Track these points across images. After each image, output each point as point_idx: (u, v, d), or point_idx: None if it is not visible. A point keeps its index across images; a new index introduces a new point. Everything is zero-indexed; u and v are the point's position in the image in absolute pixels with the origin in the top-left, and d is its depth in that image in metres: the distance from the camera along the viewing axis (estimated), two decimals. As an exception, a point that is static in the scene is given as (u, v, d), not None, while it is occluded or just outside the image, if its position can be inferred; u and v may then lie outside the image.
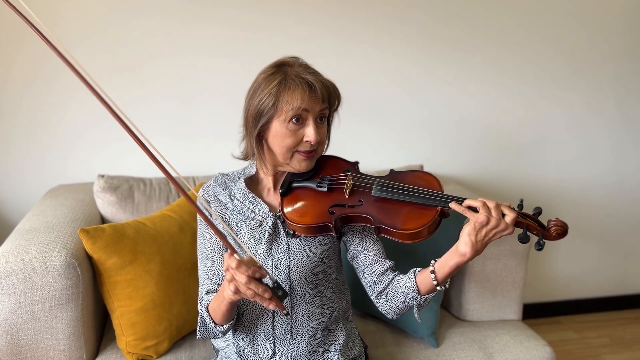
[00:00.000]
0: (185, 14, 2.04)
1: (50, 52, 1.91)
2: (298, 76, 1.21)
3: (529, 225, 1.14)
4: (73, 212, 1.67)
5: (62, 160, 2.07)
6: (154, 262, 1.53)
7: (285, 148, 1.24)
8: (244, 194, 1.33)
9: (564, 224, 1.13)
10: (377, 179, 1.27)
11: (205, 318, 1.24)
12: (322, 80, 1.24)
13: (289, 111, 1.20)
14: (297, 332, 1.29)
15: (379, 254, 1.30)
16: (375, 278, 1.29)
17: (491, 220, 1.10)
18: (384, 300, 1.28)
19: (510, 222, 1.11)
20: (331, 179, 1.30)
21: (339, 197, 1.26)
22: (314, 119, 1.23)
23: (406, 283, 1.22)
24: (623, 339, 2.57)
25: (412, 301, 1.22)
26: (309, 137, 1.22)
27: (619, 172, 2.64)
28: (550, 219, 1.15)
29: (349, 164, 1.36)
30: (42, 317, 1.39)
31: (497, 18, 2.31)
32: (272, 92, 1.20)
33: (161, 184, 1.86)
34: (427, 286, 1.20)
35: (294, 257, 1.27)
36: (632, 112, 2.57)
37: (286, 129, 1.22)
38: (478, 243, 1.12)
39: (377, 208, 1.22)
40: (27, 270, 1.36)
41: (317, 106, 1.22)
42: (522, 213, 1.15)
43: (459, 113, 2.36)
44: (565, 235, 1.13)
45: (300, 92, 1.19)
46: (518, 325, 1.77)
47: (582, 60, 2.44)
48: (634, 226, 2.73)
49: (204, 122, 2.14)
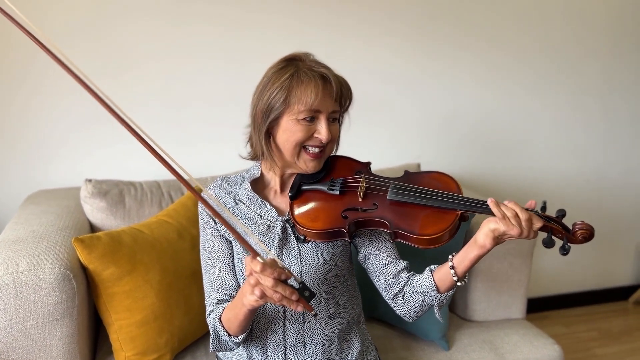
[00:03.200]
0: (175, 13, 1.95)
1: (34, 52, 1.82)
2: (310, 69, 1.16)
3: (553, 229, 1.09)
4: (60, 220, 1.55)
5: (41, 165, 1.95)
6: (154, 271, 1.44)
7: (294, 143, 1.18)
8: (250, 197, 1.26)
9: (590, 227, 1.09)
10: (392, 181, 1.22)
11: (218, 330, 1.16)
12: (336, 75, 1.19)
13: (301, 107, 1.14)
14: (310, 341, 1.22)
15: (392, 254, 1.25)
16: (390, 280, 1.23)
17: (523, 232, 1.06)
18: (401, 302, 1.23)
19: (536, 230, 1.08)
20: (344, 181, 1.24)
21: (353, 201, 1.20)
22: (326, 117, 1.18)
23: (424, 282, 1.17)
24: (611, 332, 2.61)
25: (432, 300, 1.17)
26: (321, 134, 1.17)
27: (602, 168, 2.68)
28: (576, 222, 1.10)
29: (360, 164, 1.31)
30: (34, 334, 1.28)
31: (486, 16, 2.30)
32: (284, 85, 1.15)
33: (152, 188, 1.76)
34: (446, 283, 1.15)
35: (305, 262, 1.21)
36: (615, 108, 2.61)
37: (297, 125, 1.16)
38: (498, 238, 1.08)
39: (393, 212, 1.16)
40: (18, 285, 1.25)
41: (329, 105, 1.17)
42: (546, 216, 1.11)
43: (449, 110, 2.35)
44: (592, 239, 1.09)
45: (314, 85, 1.14)
46: (524, 324, 1.76)
47: (567, 57, 2.46)
48: (617, 220, 2.78)
49: (195, 125, 2.05)
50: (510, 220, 1.05)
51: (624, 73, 2.57)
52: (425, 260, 1.37)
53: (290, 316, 1.21)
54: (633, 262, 2.90)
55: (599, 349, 2.46)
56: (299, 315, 1.21)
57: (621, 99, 2.60)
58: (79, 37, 1.88)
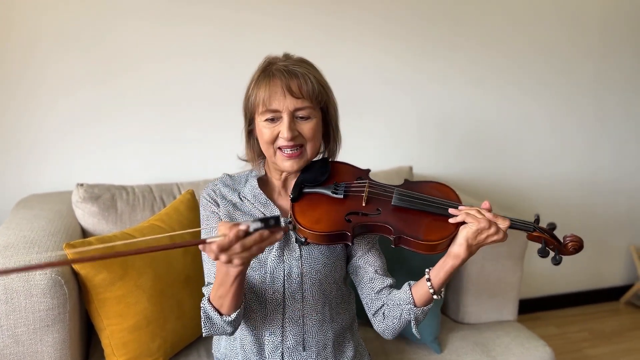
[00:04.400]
0: (168, 14, 1.94)
1: (26, 58, 1.82)
2: (270, 69, 1.19)
3: (547, 240, 1.14)
4: (52, 225, 1.55)
5: (33, 169, 1.94)
6: (146, 276, 1.44)
7: (266, 144, 1.21)
8: (255, 194, 1.27)
9: (580, 240, 1.14)
10: (395, 188, 1.23)
11: (209, 312, 1.12)
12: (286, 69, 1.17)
13: (261, 108, 1.18)
14: (307, 343, 1.23)
15: (380, 270, 1.26)
16: (373, 295, 1.24)
17: (492, 226, 1.09)
18: (381, 317, 1.24)
19: (505, 228, 1.11)
20: (347, 185, 1.24)
21: (356, 205, 1.20)
22: (288, 115, 1.17)
23: (401, 296, 1.18)
24: (602, 332, 2.63)
25: (409, 315, 1.17)
26: (281, 133, 1.18)
27: (594, 169, 2.70)
28: (566, 235, 1.15)
29: (361, 171, 1.32)
30: (25, 340, 1.28)
31: (480, 18, 2.31)
32: (251, 87, 1.22)
33: (145, 192, 1.76)
34: (423, 296, 1.16)
35: (307, 263, 1.21)
36: (608, 109, 2.63)
37: (264, 126, 1.20)
38: (473, 246, 1.11)
39: (397, 218, 1.17)
40: (9, 291, 1.24)
41: (287, 102, 1.16)
42: (539, 228, 1.15)
43: (442, 112, 2.36)
44: (582, 250, 1.13)
45: (264, 84, 1.18)
46: (516, 326, 1.77)
47: (561, 59, 2.48)
48: (608, 221, 2.80)
49: (187, 127, 2.05)
50: (476, 215, 1.10)
51: (617, 74, 2.59)
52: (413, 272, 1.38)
53: (290, 318, 1.21)
54: (624, 262, 2.92)
55: (590, 350, 2.48)
56: (299, 317, 1.21)
57: (614, 100, 2.62)
58: (73, 40, 1.88)
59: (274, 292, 1.20)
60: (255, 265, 1.21)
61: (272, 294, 1.21)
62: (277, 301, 1.21)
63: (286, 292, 1.21)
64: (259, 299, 1.22)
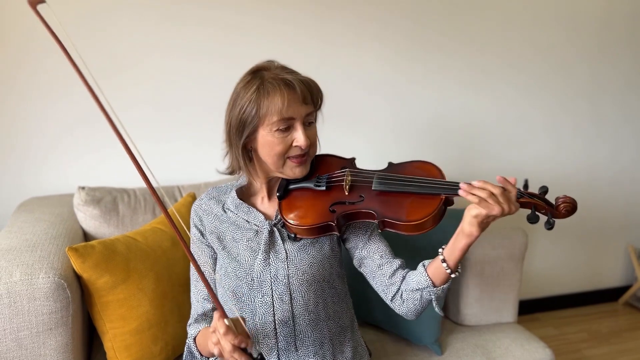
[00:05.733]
0: (167, 16, 1.94)
1: (22, 59, 1.82)
2: (275, 78, 1.17)
3: (537, 204, 1.12)
4: (54, 228, 1.55)
5: (33, 171, 1.94)
6: (148, 279, 1.45)
7: (276, 157, 1.20)
8: (236, 205, 1.29)
9: (573, 200, 1.12)
10: (376, 172, 1.24)
11: (192, 348, 1.24)
12: (300, 79, 1.19)
13: (273, 117, 1.16)
14: (302, 344, 1.24)
15: (386, 254, 1.26)
16: (386, 280, 1.24)
17: (504, 209, 1.06)
18: (400, 301, 1.24)
19: (514, 200, 1.08)
20: (329, 176, 1.26)
21: (339, 195, 1.22)
22: (301, 123, 1.19)
23: (419, 278, 1.18)
24: (600, 333, 2.64)
25: (430, 295, 1.18)
26: (299, 141, 1.19)
27: (591, 169, 2.71)
28: (558, 197, 1.13)
29: (345, 160, 1.33)
30: (28, 344, 1.28)
31: (475, 20, 2.31)
32: (252, 98, 1.16)
33: (146, 195, 1.76)
34: (440, 276, 1.16)
35: (292, 265, 1.22)
36: (604, 111, 2.63)
37: (273, 137, 1.18)
38: (483, 223, 1.09)
39: (379, 202, 1.18)
40: (12, 295, 1.25)
41: (301, 109, 1.18)
42: (528, 193, 1.13)
43: (437, 115, 2.36)
44: (575, 212, 1.11)
45: (279, 94, 1.15)
46: (516, 328, 1.78)
47: (556, 60, 2.48)
48: (606, 221, 2.81)
49: (188, 129, 2.05)
50: (487, 200, 1.06)
51: (614, 76, 2.60)
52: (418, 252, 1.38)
53: (280, 320, 1.22)
54: (623, 263, 2.93)
55: (588, 350, 2.49)
56: (289, 319, 1.22)
57: (610, 101, 2.63)
58: (73, 40, 1.85)
59: (263, 295, 1.22)
60: (241, 274, 1.22)
61: (262, 298, 1.22)
62: (267, 304, 1.22)
63: (274, 295, 1.21)
64: (250, 306, 1.23)
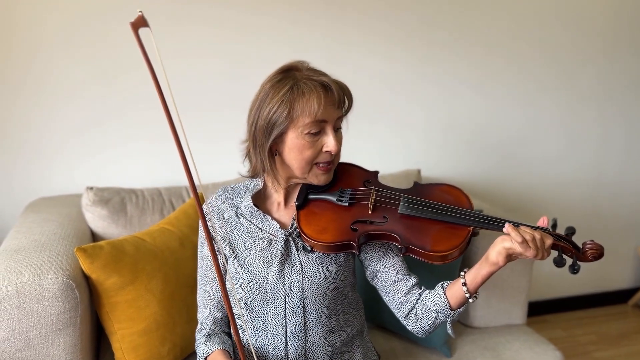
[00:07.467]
0: (172, 15, 1.94)
1: (31, 60, 1.82)
2: (309, 79, 1.11)
3: (564, 247, 1.08)
4: (62, 229, 1.55)
5: (41, 172, 1.94)
6: (156, 280, 1.44)
7: (305, 161, 1.15)
8: (251, 211, 1.23)
9: (600, 247, 1.07)
10: (402, 194, 1.19)
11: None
12: (337, 82, 1.15)
13: (306, 119, 1.10)
14: (313, 356, 1.21)
15: (402, 271, 1.22)
16: (401, 298, 1.21)
17: (538, 254, 1.05)
18: (414, 319, 1.21)
19: (549, 248, 1.07)
20: (353, 192, 1.20)
21: (362, 213, 1.16)
22: (332, 127, 1.15)
23: (436, 300, 1.16)
24: (609, 335, 2.62)
25: (445, 317, 1.16)
26: (329, 146, 1.14)
27: (600, 171, 2.69)
28: (586, 242, 1.09)
29: (368, 173, 1.29)
30: (37, 344, 1.28)
31: (484, 23, 2.30)
32: (285, 99, 1.10)
33: (154, 195, 1.76)
34: (458, 299, 1.14)
35: (307, 278, 1.18)
36: (611, 113, 2.62)
37: (303, 140, 1.12)
38: (512, 257, 1.08)
39: (404, 226, 1.13)
40: (21, 295, 1.25)
41: (334, 113, 1.14)
42: (556, 234, 1.09)
43: (448, 115, 2.35)
44: (602, 258, 1.07)
45: (315, 95, 1.10)
46: (525, 330, 1.76)
47: (564, 63, 2.47)
48: (615, 224, 2.79)
49: (196, 129, 2.04)
50: (529, 243, 1.04)
51: (620, 79, 2.58)
52: (433, 273, 1.36)
53: (291, 332, 1.19)
54: (632, 265, 2.90)
55: (598, 353, 2.47)
56: (301, 331, 1.19)
57: (617, 104, 2.61)
58: (75, 40, 1.87)
59: (276, 307, 1.18)
60: (254, 285, 1.18)
61: (274, 310, 1.19)
62: (279, 316, 1.18)
63: (287, 307, 1.18)
64: (262, 318, 1.20)
